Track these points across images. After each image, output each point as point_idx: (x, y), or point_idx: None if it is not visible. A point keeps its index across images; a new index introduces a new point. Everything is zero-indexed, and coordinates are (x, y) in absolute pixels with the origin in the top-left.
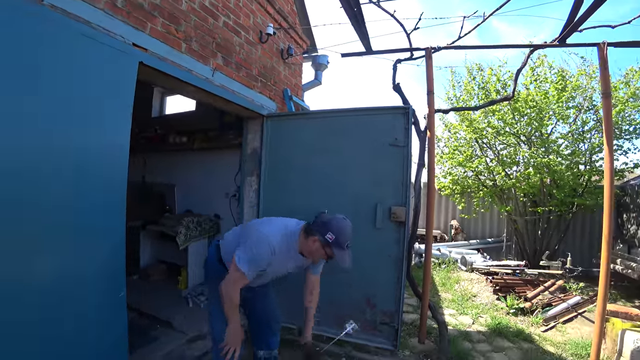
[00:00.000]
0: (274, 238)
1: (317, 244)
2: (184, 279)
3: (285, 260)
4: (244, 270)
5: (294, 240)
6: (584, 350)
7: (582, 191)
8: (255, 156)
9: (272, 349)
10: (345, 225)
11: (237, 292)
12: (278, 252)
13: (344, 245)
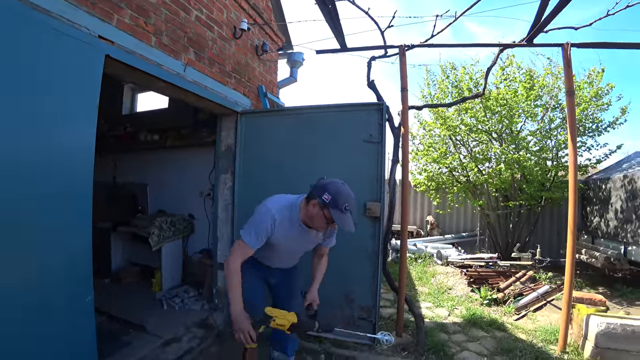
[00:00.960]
0: (276, 208)
1: (316, 208)
2: (157, 281)
3: (291, 232)
4: (245, 238)
5: (296, 210)
6: (553, 336)
7: (550, 185)
8: (230, 153)
9: (288, 355)
10: (343, 188)
11: (238, 262)
12: (280, 221)
13: (342, 207)
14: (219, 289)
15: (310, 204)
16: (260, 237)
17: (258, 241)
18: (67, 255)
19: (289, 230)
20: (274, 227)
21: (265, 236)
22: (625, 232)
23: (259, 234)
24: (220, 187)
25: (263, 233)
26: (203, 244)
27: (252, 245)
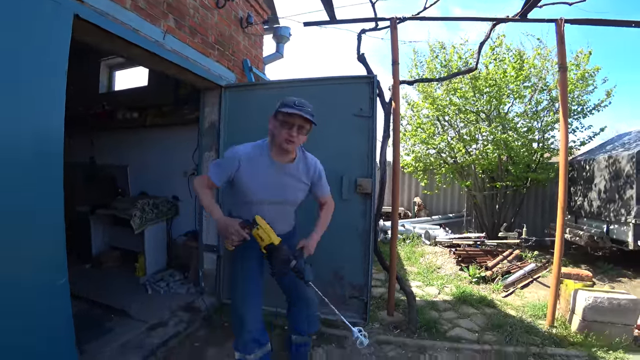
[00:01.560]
0: (242, 147)
1: (272, 122)
2: (141, 266)
3: (264, 169)
4: (210, 170)
5: (264, 144)
6: (541, 311)
7: (536, 167)
8: (214, 130)
9: (303, 335)
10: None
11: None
12: (247, 157)
13: (290, 103)
14: (205, 271)
15: (270, 124)
16: (222, 171)
17: (220, 173)
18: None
19: (260, 169)
20: (238, 164)
21: (230, 170)
22: (607, 212)
23: (222, 167)
24: (204, 166)
25: (227, 168)
26: (188, 226)
27: (213, 177)
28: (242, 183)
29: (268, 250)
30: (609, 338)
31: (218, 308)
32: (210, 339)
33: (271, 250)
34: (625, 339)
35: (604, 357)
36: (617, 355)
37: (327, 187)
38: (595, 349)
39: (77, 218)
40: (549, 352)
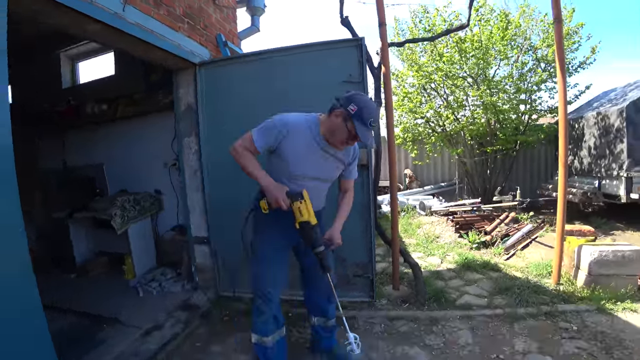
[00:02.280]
0: (292, 117)
1: (339, 119)
2: (129, 268)
3: (308, 148)
4: (253, 134)
5: (314, 122)
6: (545, 270)
7: (524, 129)
8: (191, 113)
9: (329, 317)
10: (370, 101)
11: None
12: (294, 130)
13: (367, 122)
14: (198, 265)
15: (334, 115)
16: (267, 136)
17: (264, 139)
18: None
19: (305, 145)
20: (286, 133)
21: (275, 139)
22: (599, 168)
23: (269, 132)
24: (185, 153)
25: (272, 134)
26: (175, 220)
27: (256, 141)
28: (285, 154)
29: (301, 227)
30: (615, 290)
31: (216, 302)
32: (212, 336)
33: (304, 228)
34: (630, 289)
35: (613, 309)
36: (625, 306)
37: (356, 172)
38: (604, 302)
39: (55, 225)
40: (560, 309)
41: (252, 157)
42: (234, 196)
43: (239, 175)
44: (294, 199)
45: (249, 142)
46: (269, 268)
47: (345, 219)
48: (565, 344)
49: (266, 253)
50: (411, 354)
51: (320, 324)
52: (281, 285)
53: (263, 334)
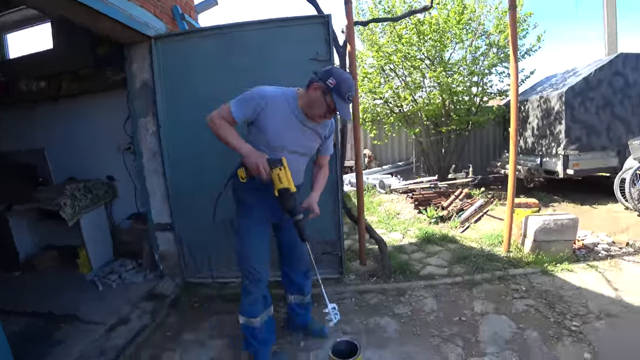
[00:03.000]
0: (270, 90)
1: (317, 92)
2: (84, 261)
3: (287, 120)
4: (231, 105)
5: (292, 96)
6: (497, 240)
7: (476, 111)
8: (147, 91)
9: (305, 294)
10: (348, 76)
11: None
12: (273, 103)
13: (345, 95)
14: (161, 253)
15: (312, 88)
16: (245, 108)
17: (242, 110)
18: None
19: (284, 117)
20: (264, 105)
21: (253, 110)
22: (540, 147)
23: (248, 103)
24: (141, 134)
25: (251, 105)
26: (132, 207)
27: (234, 112)
28: (264, 126)
29: (280, 194)
30: (555, 254)
31: (184, 289)
32: (183, 324)
33: (283, 195)
34: (567, 252)
35: (554, 270)
36: (563, 267)
37: (332, 148)
38: (546, 265)
39: None
40: (511, 273)
41: (230, 127)
42: (197, 178)
43: (202, 155)
44: (273, 166)
45: (227, 112)
46: (251, 244)
47: (321, 191)
48: (517, 303)
49: (248, 229)
50: (382, 324)
51: (297, 302)
52: (266, 260)
53: (251, 315)
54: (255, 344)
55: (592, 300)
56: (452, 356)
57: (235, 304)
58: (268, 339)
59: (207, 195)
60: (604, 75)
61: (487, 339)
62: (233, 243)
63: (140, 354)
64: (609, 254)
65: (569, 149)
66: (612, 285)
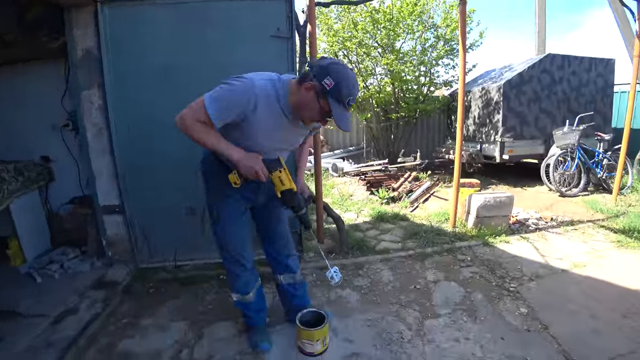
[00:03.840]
0: (259, 81)
1: (311, 94)
2: (16, 252)
3: (274, 117)
4: (208, 102)
5: (284, 88)
6: (443, 217)
7: (424, 99)
8: (92, 60)
9: (294, 272)
10: (349, 74)
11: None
12: (262, 99)
13: (345, 100)
14: (109, 238)
15: (304, 88)
16: (228, 111)
17: (224, 113)
18: None
19: (273, 119)
20: (253, 108)
21: (237, 115)
22: (480, 134)
23: (229, 107)
24: (85, 109)
25: (235, 110)
26: (71, 191)
27: (213, 116)
28: (252, 129)
29: (283, 195)
30: (494, 228)
31: (137, 275)
32: (139, 310)
33: (287, 195)
34: (504, 226)
35: (493, 242)
36: (501, 239)
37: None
38: (487, 237)
39: None
40: (457, 245)
41: (207, 129)
42: (148, 155)
43: (154, 131)
44: (272, 169)
45: (203, 114)
46: (234, 232)
47: (304, 171)
48: (464, 271)
49: (228, 217)
50: (344, 295)
51: (289, 282)
52: (249, 243)
53: (244, 292)
54: (253, 314)
55: (526, 265)
56: (410, 319)
57: (194, 286)
58: (262, 306)
59: (160, 174)
60: (535, 72)
61: (440, 302)
62: (214, 230)
63: (97, 342)
64: (537, 228)
65: (505, 137)
66: (540, 253)
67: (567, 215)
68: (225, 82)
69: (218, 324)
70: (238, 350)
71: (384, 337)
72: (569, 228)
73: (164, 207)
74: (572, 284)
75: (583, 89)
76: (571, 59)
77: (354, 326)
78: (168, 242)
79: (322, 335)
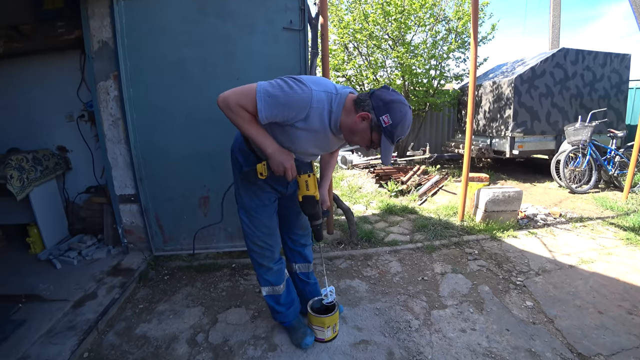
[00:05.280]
0: (317, 93)
1: (365, 124)
2: (36, 239)
3: (321, 128)
4: (260, 95)
5: (338, 106)
6: (452, 211)
7: (434, 93)
8: (108, 52)
9: (309, 261)
10: (408, 115)
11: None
12: (318, 110)
13: (395, 138)
14: (125, 227)
15: (359, 116)
16: (280, 112)
17: (274, 111)
18: None
19: (319, 127)
20: (304, 117)
21: (285, 118)
22: (491, 129)
23: (283, 109)
24: (100, 99)
25: (289, 113)
26: (87, 180)
27: (262, 110)
28: (294, 134)
29: (304, 200)
30: (502, 222)
31: (152, 263)
32: (155, 296)
33: (307, 201)
34: (512, 221)
35: (501, 236)
36: (509, 234)
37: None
38: (495, 231)
39: None
40: (465, 239)
41: (251, 119)
42: (163, 145)
43: (168, 121)
44: (302, 171)
45: (252, 104)
46: (262, 220)
47: (329, 181)
48: (471, 264)
49: (256, 208)
50: (353, 285)
51: (304, 271)
52: (277, 233)
53: (276, 283)
54: (284, 309)
55: (533, 260)
56: (417, 309)
57: (207, 274)
58: (293, 298)
59: (173, 165)
60: (547, 67)
61: (447, 294)
62: (240, 218)
63: (115, 326)
64: (545, 223)
65: (516, 132)
66: (548, 248)
67: (576, 211)
68: (284, 81)
69: (232, 310)
70: (252, 335)
71: (392, 325)
72: (578, 224)
73: (177, 196)
74: (579, 280)
75: (597, 84)
76: (585, 53)
77: (363, 314)
78: (182, 231)
79: (333, 322)
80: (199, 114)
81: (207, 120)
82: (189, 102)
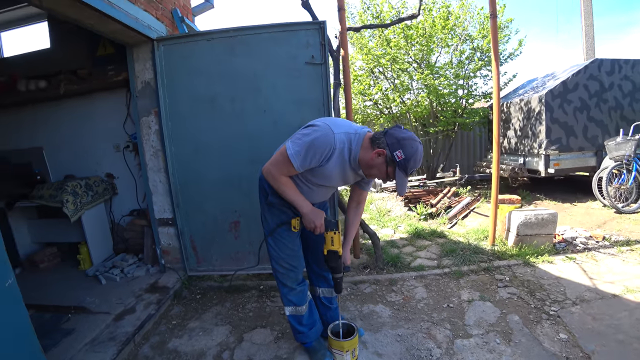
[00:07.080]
0: (339, 135)
1: (381, 159)
2: (85, 256)
3: (342, 167)
4: (291, 152)
5: (357, 145)
6: (482, 235)
7: (462, 112)
8: (149, 91)
9: (332, 286)
10: (419, 150)
11: (282, 174)
12: (338, 151)
13: (408, 171)
14: (163, 248)
15: (375, 153)
16: (309, 162)
17: (307, 160)
18: None
19: (340, 167)
20: (329, 157)
21: (316, 163)
22: (523, 147)
23: (310, 157)
24: (143, 133)
25: (314, 158)
26: (130, 204)
27: (296, 165)
28: (318, 171)
29: (329, 254)
30: (537, 246)
31: (186, 282)
32: (188, 313)
33: (332, 256)
34: (547, 245)
35: (535, 262)
36: (543, 259)
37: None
38: (528, 257)
39: None
40: (495, 265)
41: (289, 183)
42: (197, 174)
43: (201, 151)
44: (329, 228)
45: (287, 165)
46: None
47: (354, 235)
48: (501, 291)
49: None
50: (377, 310)
51: (327, 295)
52: (301, 256)
53: (299, 303)
54: (306, 330)
55: (570, 288)
56: (440, 337)
57: (236, 294)
58: (314, 319)
59: (207, 192)
60: (580, 80)
61: (473, 322)
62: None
63: (150, 340)
64: (586, 247)
65: (550, 149)
66: (588, 275)
67: (622, 234)
68: (306, 132)
69: (257, 330)
70: (274, 355)
71: (413, 353)
72: (624, 248)
73: (210, 220)
74: (623, 311)
75: (638, 94)
76: (622, 62)
77: (384, 340)
78: (214, 253)
79: (352, 347)
80: (229, 145)
81: (236, 150)
82: (219, 134)
